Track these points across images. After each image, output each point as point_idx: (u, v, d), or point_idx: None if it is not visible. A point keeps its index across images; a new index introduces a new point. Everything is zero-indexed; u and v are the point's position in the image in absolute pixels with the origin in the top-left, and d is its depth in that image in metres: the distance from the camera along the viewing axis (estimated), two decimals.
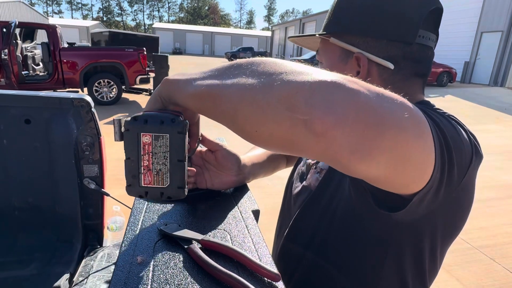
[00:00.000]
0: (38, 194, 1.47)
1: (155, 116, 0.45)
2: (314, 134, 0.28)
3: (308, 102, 0.28)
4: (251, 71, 0.34)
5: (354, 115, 0.28)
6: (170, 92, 0.47)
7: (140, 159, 0.46)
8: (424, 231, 0.54)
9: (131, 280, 0.51)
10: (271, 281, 0.50)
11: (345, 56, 0.57)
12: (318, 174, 0.65)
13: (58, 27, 7.50)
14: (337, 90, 0.28)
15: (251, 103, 0.32)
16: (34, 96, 1.36)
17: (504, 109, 9.19)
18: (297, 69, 0.31)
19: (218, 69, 0.41)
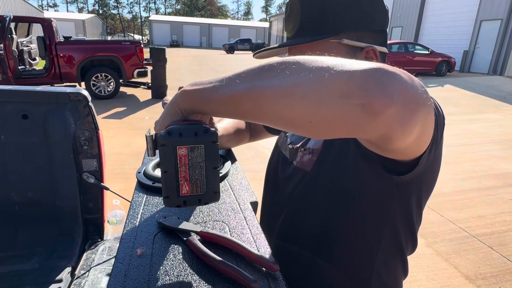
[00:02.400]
0: (37, 189, 1.47)
1: (189, 129, 0.46)
2: (371, 115, 0.32)
3: (362, 88, 0.31)
4: (292, 69, 0.36)
5: (402, 94, 0.32)
6: (194, 103, 0.49)
7: (177, 171, 0.47)
8: (414, 189, 0.60)
9: (131, 272, 0.52)
10: (270, 271, 0.51)
11: (353, 52, 0.60)
12: (310, 155, 0.67)
13: (53, 21, 7.41)
14: (384, 75, 0.32)
15: (303, 98, 0.35)
16: (31, 91, 1.36)
17: (503, 98, 9.17)
18: (338, 61, 0.34)
19: (247, 72, 0.42)
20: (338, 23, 0.59)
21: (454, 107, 7.94)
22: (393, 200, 0.59)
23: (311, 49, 0.61)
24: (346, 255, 0.66)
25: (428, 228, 2.87)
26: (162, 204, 0.71)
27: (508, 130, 6.09)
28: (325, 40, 0.60)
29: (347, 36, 0.60)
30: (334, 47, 0.60)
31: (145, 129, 5.70)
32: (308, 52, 0.63)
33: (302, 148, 0.71)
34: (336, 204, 0.63)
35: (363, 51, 0.60)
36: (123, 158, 4.17)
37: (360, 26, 0.60)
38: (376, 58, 0.61)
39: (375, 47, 0.61)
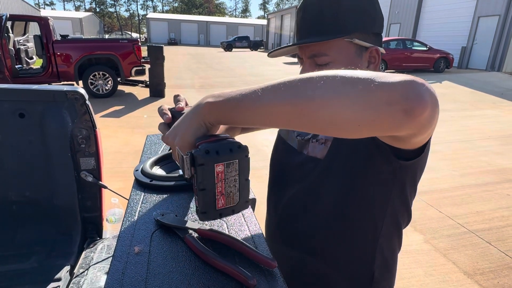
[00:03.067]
0: (35, 188, 1.47)
1: (224, 146, 0.47)
2: (412, 117, 0.39)
3: (404, 96, 0.39)
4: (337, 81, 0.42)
5: (431, 100, 0.40)
6: (223, 115, 0.50)
7: (215, 188, 0.48)
8: (411, 171, 0.68)
9: (128, 270, 0.51)
10: (268, 268, 0.51)
11: (360, 51, 0.68)
12: (323, 145, 0.72)
13: (50, 19, 7.37)
14: (418, 85, 0.39)
15: (353, 106, 0.40)
16: (27, 89, 1.35)
17: (501, 94, 9.19)
18: (376, 74, 0.41)
19: (286, 84, 0.45)
20: (350, 25, 0.67)
21: (452, 104, 7.95)
22: (395, 182, 0.68)
23: (324, 47, 0.68)
24: (356, 232, 0.73)
25: (426, 224, 2.88)
26: (159, 202, 0.71)
27: (506, 126, 6.11)
28: (339, 39, 0.67)
29: (357, 36, 0.67)
30: (344, 46, 0.67)
31: (144, 127, 5.70)
32: (321, 50, 0.69)
33: (313, 139, 0.76)
34: (349, 187, 0.69)
35: (368, 50, 0.69)
36: (122, 157, 4.16)
37: (367, 29, 0.68)
38: (378, 56, 0.70)
39: (378, 48, 0.69)
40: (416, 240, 2.65)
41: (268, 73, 12.80)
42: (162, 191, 0.75)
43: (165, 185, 0.77)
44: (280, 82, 0.45)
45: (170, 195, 0.74)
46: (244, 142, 0.49)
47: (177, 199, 0.72)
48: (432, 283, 2.20)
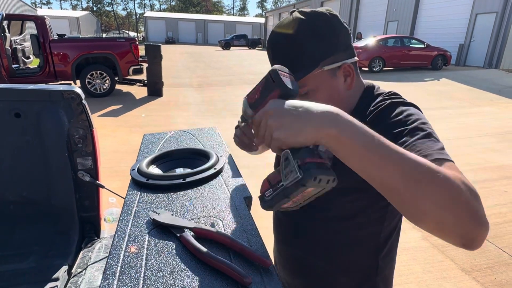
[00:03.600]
0: (32, 188, 1.46)
1: (329, 177, 0.47)
2: (486, 229, 0.46)
3: (483, 211, 0.46)
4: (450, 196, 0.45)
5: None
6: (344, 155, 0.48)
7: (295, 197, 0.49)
8: None
9: (125, 269, 0.51)
10: (263, 266, 0.51)
11: (333, 72, 0.71)
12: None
13: (47, 18, 7.33)
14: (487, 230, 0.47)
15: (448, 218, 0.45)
16: (23, 89, 1.35)
17: (499, 91, 9.20)
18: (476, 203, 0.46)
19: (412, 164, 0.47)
20: (316, 57, 0.69)
21: (450, 101, 7.97)
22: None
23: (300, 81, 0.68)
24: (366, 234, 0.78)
25: None
26: (155, 201, 0.71)
27: (503, 123, 6.12)
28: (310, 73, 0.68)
29: (326, 63, 0.69)
30: (318, 75, 0.69)
31: (142, 126, 5.69)
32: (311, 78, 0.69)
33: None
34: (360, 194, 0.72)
35: (340, 68, 0.71)
36: (120, 156, 4.15)
37: (332, 52, 0.70)
38: (351, 71, 0.72)
39: (348, 62, 0.71)
40: (414, 237, 2.66)
41: (266, 71, 12.77)
42: (159, 190, 0.75)
43: (161, 184, 0.77)
44: (409, 160, 0.47)
45: (166, 194, 0.74)
46: None
47: (173, 198, 0.72)
48: (430, 279, 2.21)
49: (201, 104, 7.47)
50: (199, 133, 1.16)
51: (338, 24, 0.70)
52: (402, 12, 18.21)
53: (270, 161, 0.97)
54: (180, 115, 6.47)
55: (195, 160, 0.91)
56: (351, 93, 0.74)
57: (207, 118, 6.21)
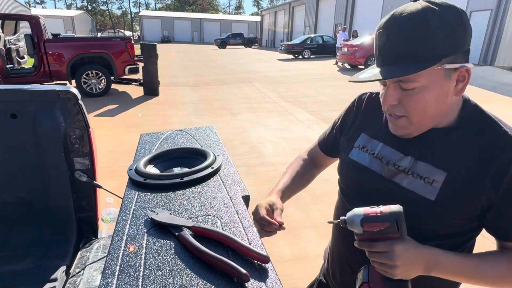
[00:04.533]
0: (29, 188, 1.46)
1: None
2: None
3: None
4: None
5: None
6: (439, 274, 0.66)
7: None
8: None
9: (124, 268, 0.52)
10: (261, 263, 0.52)
11: (449, 73, 0.65)
12: (429, 185, 0.69)
13: (41, 18, 7.27)
14: None
15: None
16: (19, 90, 1.34)
17: (494, 88, 9.27)
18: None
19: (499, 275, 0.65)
20: (440, 51, 0.62)
21: None
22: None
23: (414, 77, 0.64)
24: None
25: None
26: (153, 200, 0.71)
27: None
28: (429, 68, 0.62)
29: (447, 60, 0.63)
30: (434, 72, 0.63)
31: (138, 126, 5.67)
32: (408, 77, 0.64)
33: (410, 172, 0.72)
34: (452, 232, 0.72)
35: (457, 71, 0.65)
36: (117, 156, 4.14)
37: (456, 50, 0.64)
38: (467, 75, 0.66)
39: (468, 67, 0.66)
40: None
41: (263, 70, 12.79)
42: (156, 190, 0.76)
43: (159, 183, 0.77)
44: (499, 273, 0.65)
45: (164, 193, 0.75)
46: (240, 138, 0.49)
47: (171, 197, 0.73)
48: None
49: (198, 103, 7.46)
50: (196, 133, 1.16)
51: (467, 22, 0.64)
52: None
53: (266, 160, 0.97)
54: (176, 114, 6.45)
55: (193, 160, 0.92)
56: (454, 101, 0.69)
57: (203, 117, 6.20)
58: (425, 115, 0.67)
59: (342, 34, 14.93)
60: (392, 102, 0.68)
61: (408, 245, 0.62)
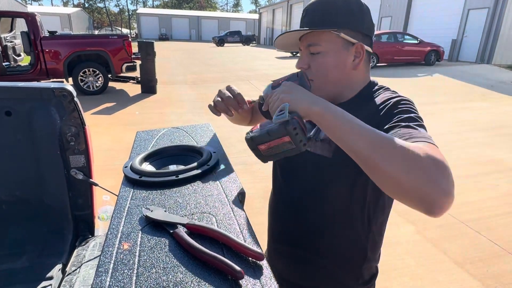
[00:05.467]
0: (25, 187, 1.45)
1: (303, 135, 0.62)
2: (445, 195, 0.52)
3: (448, 181, 0.53)
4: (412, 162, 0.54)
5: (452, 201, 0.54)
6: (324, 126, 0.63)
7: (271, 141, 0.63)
8: None
9: (117, 266, 0.51)
10: (256, 261, 0.51)
11: (346, 45, 0.79)
12: (328, 144, 0.81)
13: (37, 15, 7.22)
14: (451, 177, 0.54)
15: (408, 173, 0.53)
16: (14, 87, 1.33)
17: (491, 86, 9.30)
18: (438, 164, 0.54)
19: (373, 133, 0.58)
20: (339, 22, 0.78)
21: (443, 96, 8.03)
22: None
23: (316, 38, 0.79)
24: (355, 222, 0.83)
25: (418, 215, 2.92)
26: (148, 198, 0.71)
27: (495, 118, 6.20)
28: (329, 31, 0.78)
29: (345, 32, 0.78)
30: (333, 39, 0.78)
31: (136, 124, 5.65)
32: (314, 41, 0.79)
33: (316, 138, 0.84)
34: (353, 181, 0.79)
35: (354, 46, 0.79)
36: (114, 154, 4.13)
37: (354, 27, 0.79)
38: (363, 52, 0.79)
39: (363, 45, 0.79)
40: (408, 231, 2.69)
41: (261, 67, 12.76)
42: (151, 187, 0.75)
43: (154, 181, 0.77)
44: (372, 130, 0.59)
45: (159, 191, 0.74)
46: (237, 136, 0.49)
47: (166, 194, 0.72)
48: (424, 273, 2.24)
49: (195, 101, 7.44)
50: (192, 130, 1.16)
51: (367, 11, 0.82)
52: (396, 8, 18.26)
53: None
54: (174, 112, 6.44)
55: (189, 157, 0.91)
56: (355, 77, 0.82)
57: (201, 115, 6.19)
58: (326, 79, 0.80)
59: None
60: (303, 65, 0.82)
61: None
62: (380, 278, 0.96)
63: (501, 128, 5.57)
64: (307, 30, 0.79)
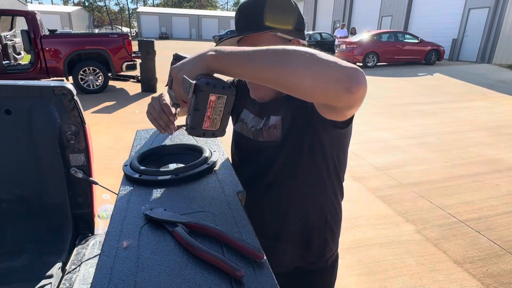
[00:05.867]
0: (24, 185, 1.45)
1: (220, 83, 0.63)
2: (350, 93, 0.56)
3: (349, 78, 0.55)
4: (307, 57, 0.57)
5: (364, 83, 0.57)
6: (224, 67, 0.65)
7: (205, 111, 0.63)
8: (345, 138, 0.90)
9: (117, 265, 0.51)
10: (255, 259, 0.51)
11: (284, 43, 0.84)
12: (274, 129, 0.89)
13: (37, 14, 7.21)
14: (359, 72, 0.56)
15: (314, 77, 0.57)
16: (13, 85, 1.33)
17: (491, 85, 9.29)
18: (335, 58, 0.57)
19: (271, 52, 0.60)
20: (276, 22, 0.84)
21: (443, 96, 8.03)
22: (335, 146, 0.89)
23: (255, 40, 0.83)
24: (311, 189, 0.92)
25: (417, 214, 2.92)
26: (148, 196, 0.71)
27: (495, 117, 6.19)
28: (266, 33, 0.83)
29: (281, 31, 0.84)
30: (271, 39, 0.84)
31: (136, 123, 5.65)
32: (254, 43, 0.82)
33: (265, 127, 0.92)
34: (301, 154, 0.88)
35: (291, 42, 0.86)
36: (114, 153, 4.13)
37: (288, 25, 0.85)
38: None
39: (299, 40, 0.87)
40: (408, 231, 2.69)
41: None
42: (151, 186, 0.75)
43: (154, 179, 0.77)
44: (268, 49, 0.61)
45: (159, 189, 0.74)
46: None
47: (166, 193, 0.72)
48: (423, 272, 2.24)
49: None
50: None
51: (296, 6, 0.87)
52: (396, 7, 18.24)
53: None
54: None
55: (188, 156, 0.91)
56: None
57: None
58: None
59: (341, 31, 14.89)
60: None
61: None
62: (379, 277, 0.97)
63: (501, 127, 5.57)
64: (246, 34, 0.84)
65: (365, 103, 0.75)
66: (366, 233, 2.67)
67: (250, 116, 0.99)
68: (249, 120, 1.00)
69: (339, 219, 1.02)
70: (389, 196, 3.29)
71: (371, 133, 5.17)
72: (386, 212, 2.96)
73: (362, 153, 4.39)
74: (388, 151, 4.49)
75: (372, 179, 3.68)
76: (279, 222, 0.95)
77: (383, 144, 4.75)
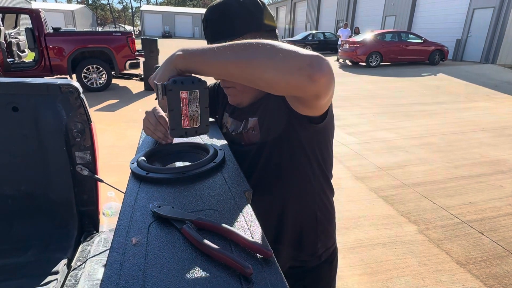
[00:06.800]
0: (30, 182, 1.46)
1: (187, 79, 0.63)
2: (312, 81, 0.56)
3: (310, 66, 0.55)
4: (268, 49, 0.58)
5: (328, 71, 0.57)
6: (190, 65, 0.66)
7: (180, 110, 0.63)
8: (325, 133, 0.88)
9: (126, 261, 0.52)
10: (264, 257, 0.52)
11: None
12: (253, 131, 0.90)
13: (41, 12, 7.25)
14: (321, 60, 0.56)
15: (275, 68, 0.57)
16: (21, 83, 1.34)
17: (495, 86, 9.25)
18: (296, 48, 0.57)
19: (233, 46, 0.61)
20: (241, 28, 0.83)
21: (447, 96, 8.00)
22: (316, 142, 0.88)
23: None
24: (296, 187, 0.91)
25: (420, 215, 2.92)
26: (156, 194, 0.72)
27: (499, 118, 6.17)
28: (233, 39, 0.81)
29: (250, 36, 0.81)
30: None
31: (139, 121, 5.67)
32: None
33: (244, 130, 0.92)
34: (281, 154, 0.88)
35: None
36: (117, 151, 4.15)
37: (258, 28, 0.84)
38: None
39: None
40: (410, 231, 2.69)
41: None
42: (159, 184, 0.76)
43: (161, 177, 0.77)
44: (231, 44, 0.62)
45: (167, 187, 0.74)
46: None
47: (174, 191, 0.73)
48: (426, 272, 2.24)
49: None
50: None
51: (263, 6, 0.86)
52: (400, 7, 18.16)
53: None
54: None
55: (195, 154, 0.92)
56: None
57: None
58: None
59: (344, 30, 14.86)
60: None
61: None
62: (382, 278, 0.97)
63: (505, 128, 5.55)
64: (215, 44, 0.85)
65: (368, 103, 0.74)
66: (369, 233, 2.67)
67: (230, 120, 1.00)
68: (229, 124, 1.00)
69: (331, 215, 1.01)
70: (391, 196, 3.29)
71: (374, 133, 5.16)
72: (388, 212, 2.96)
73: (364, 153, 4.39)
74: (391, 151, 4.48)
75: (375, 179, 3.68)
76: (268, 224, 0.94)
77: (386, 144, 4.74)
